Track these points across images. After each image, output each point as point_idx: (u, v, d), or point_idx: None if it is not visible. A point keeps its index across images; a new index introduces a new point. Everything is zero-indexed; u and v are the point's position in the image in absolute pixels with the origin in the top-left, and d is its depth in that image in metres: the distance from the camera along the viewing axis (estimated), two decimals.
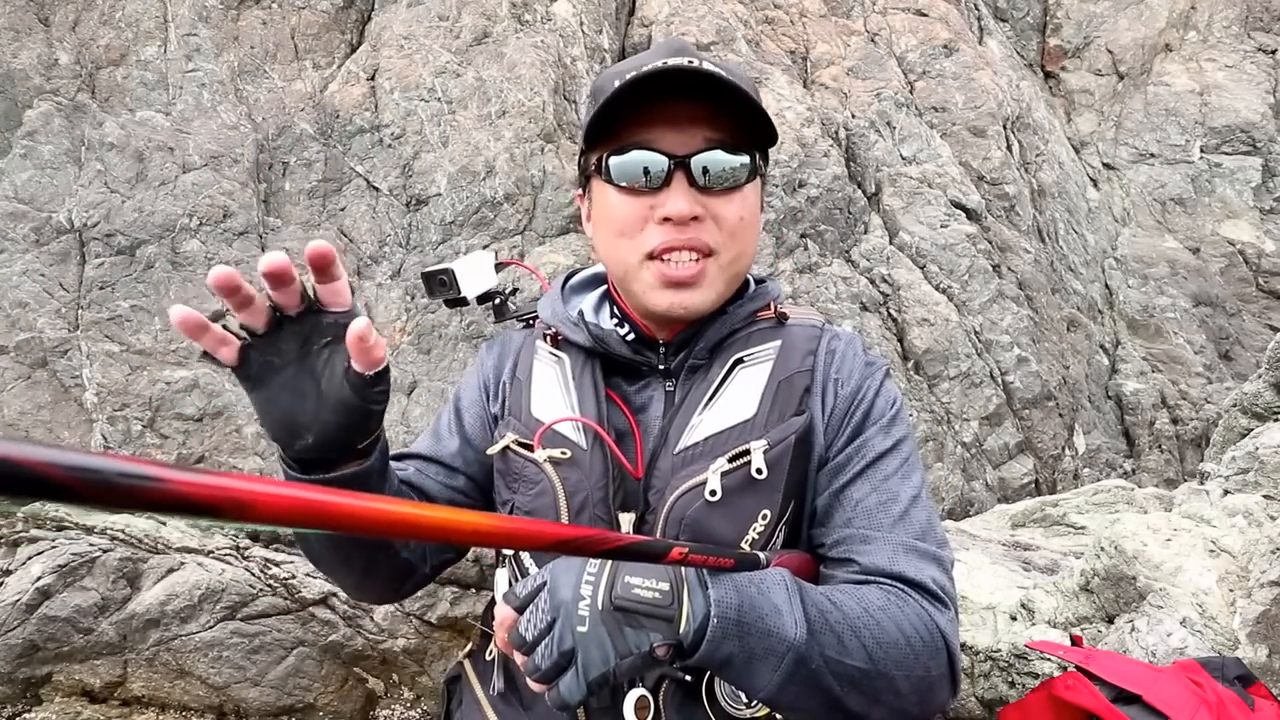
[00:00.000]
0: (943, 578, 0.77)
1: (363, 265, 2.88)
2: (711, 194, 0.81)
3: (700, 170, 0.80)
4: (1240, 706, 1.01)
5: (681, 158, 0.79)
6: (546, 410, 0.88)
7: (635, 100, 0.79)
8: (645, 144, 0.80)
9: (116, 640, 2.54)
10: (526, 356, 0.95)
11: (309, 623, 2.62)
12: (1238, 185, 4.43)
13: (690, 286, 0.83)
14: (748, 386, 0.84)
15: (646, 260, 0.83)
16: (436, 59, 3.05)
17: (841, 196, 3.46)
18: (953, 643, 0.74)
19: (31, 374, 2.65)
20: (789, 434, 0.81)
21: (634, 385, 0.90)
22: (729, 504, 0.79)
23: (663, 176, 0.80)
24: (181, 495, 0.28)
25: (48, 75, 2.88)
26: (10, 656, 2.48)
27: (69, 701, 2.61)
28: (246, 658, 2.58)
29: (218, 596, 2.55)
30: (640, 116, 0.80)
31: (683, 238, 0.81)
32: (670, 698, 0.80)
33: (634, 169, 0.81)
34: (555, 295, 0.99)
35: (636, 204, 0.82)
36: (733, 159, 0.81)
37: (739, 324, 0.90)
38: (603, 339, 0.89)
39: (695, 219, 0.81)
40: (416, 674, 2.76)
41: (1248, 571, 1.31)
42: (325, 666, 2.66)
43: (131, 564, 2.55)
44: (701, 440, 0.82)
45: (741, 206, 0.83)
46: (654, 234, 0.82)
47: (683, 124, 0.79)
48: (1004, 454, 3.33)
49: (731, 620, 0.65)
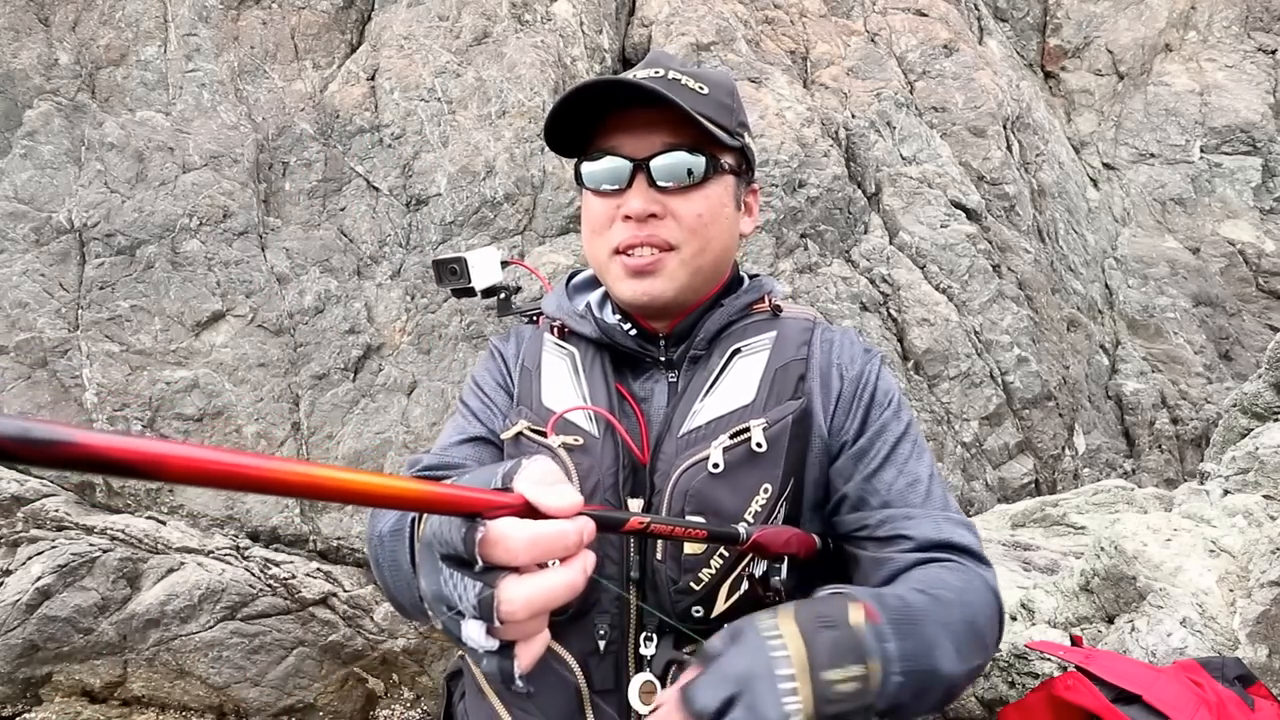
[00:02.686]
0: (977, 540, 0.85)
1: (363, 265, 2.88)
2: (670, 193, 0.88)
3: (658, 171, 0.87)
4: (1240, 706, 1.01)
5: (640, 160, 0.87)
6: (557, 400, 0.92)
7: (602, 111, 0.88)
8: (610, 150, 0.89)
9: (116, 640, 2.54)
10: (535, 348, 1.00)
11: (309, 623, 2.62)
12: (1238, 185, 4.43)
13: (650, 275, 0.90)
14: (746, 374, 0.90)
15: (613, 255, 0.91)
16: (436, 59, 3.05)
17: (841, 196, 3.46)
18: (1000, 596, 0.81)
19: (31, 374, 2.65)
20: (786, 414, 0.87)
21: (638, 377, 0.95)
22: (731, 476, 0.83)
23: (625, 178, 0.88)
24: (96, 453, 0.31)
25: (48, 75, 2.88)
26: (10, 656, 2.48)
27: (69, 701, 2.60)
28: (246, 658, 2.58)
29: (218, 596, 2.55)
30: (608, 125, 0.89)
31: (642, 234, 0.88)
32: None
33: (600, 173, 0.90)
34: (560, 291, 1.04)
35: (606, 204, 0.91)
36: (690, 159, 0.88)
37: (735, 316, 0.96)
38: (608, 331, 0.95)
39: (654, 216, 0.88)
40: (416, 674, 2.76)
41: (1248, 571, 1.31)
42: (325, 666, 2.66)
43: (131, 564, 2.55)
44: (704, 424, 0.87)
45: (702, 204, 0.90)
46: (619, 230, 0.90)
47: (642, 130, 0.87)
48: (1004, 454, 3.33)
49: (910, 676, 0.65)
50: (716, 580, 0.82)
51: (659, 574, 0.82)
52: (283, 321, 2.76)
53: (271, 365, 2.72)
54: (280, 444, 2.68)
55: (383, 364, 2.80)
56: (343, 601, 2.65)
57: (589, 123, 0.90)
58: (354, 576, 2.71)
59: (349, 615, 2.65)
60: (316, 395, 2.73)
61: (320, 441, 2.70)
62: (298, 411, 2.72)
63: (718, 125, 0.88)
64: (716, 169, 0.90)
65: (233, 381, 2.69)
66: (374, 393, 2.77)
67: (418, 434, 2.72)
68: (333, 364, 2.75)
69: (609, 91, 0.86)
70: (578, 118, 0.90)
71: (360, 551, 2.68)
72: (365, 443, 2.71)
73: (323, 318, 2.79)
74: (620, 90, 0.85)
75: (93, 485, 2.65)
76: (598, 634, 0.82)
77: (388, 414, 2.75)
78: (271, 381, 2.71)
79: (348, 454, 2.69)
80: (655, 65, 0.91)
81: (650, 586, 0.83)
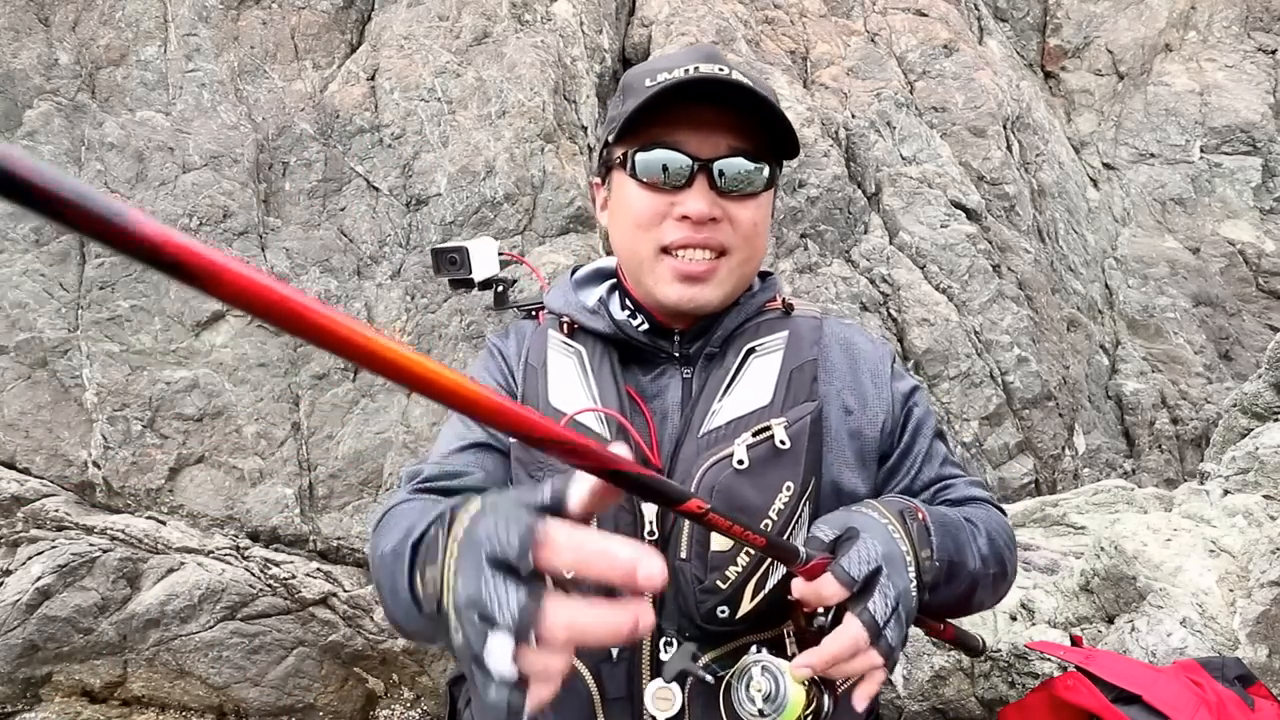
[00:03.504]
0: (990, 494, 1.00)
1: (363, 265, 2.88)
2: (729, 197, 0.86)
3: (721, 174, 0.84)
4: (1240, 706, 1.01)
5: (705, 161, 0.84)
6: (565, 400, 0.90)
7: (664, 101, 0.83)
8: (671, 144, 0.85)
9: (116, 640, 2.54)
10: (539, 345, 0.97)
11: (309, 623, 2.62)
12: (1238, 185, 4.43)
13: (702, 281, 0.87)
14: (762, 374, 0.90)
15: (661, 254, 0.88)
16: (436, 59, 3.05)
17: (841, 196, 3.46)
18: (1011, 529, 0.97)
19: (31, 374, 2.65)
20: (804, 415, 0.88)
21: (648, 374, 0.94)
22: (756, 473, 0.83)
23: (685, 176, 0.85)
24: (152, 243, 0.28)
25: (48, 75, 2.88)
26: (10, 656, 2.48)
27: (69, 701, 2.60)
28: (246, 658, 2.58)
29: (218, 596, 2.55)
30: (667, 117, 0.84)
31: (699, 236, 0.86)
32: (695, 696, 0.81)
33: (657, 167, 0.85)
34: (566, 286, 1.01)
35: (657, 199, 0.87)
36: (752, 166, 0.86)
37: (750, 314, 0.95)
38: (622, 327, 0.93)
39: (713, 219, 0.85)
40: (416, 674, 2.76)
41: (1248, 571, 1.31)
42: (325, 666, 2.66)
43: (131, 564, 2.55)
44: (724, 424, 0.86)
45: (756, 212, 0.88)
46: (671, 229, 0.87)
47: (708, 129, 0.84)
48: (1004, 454, 3.33)
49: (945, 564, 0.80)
50: (743, 579, 0.80)
51: (683, 573, 0.80)
52: None
53: (271, 365, 2.72)
54: (280, 444, 2.68)
55: None
56: (343, 601, 2.64)
57: (648, 110, 0.84)
58: (354, 576, 2.71)
59: (349, 615, 2.65)
60: (316, 395, 2.73)
61: (320, 441, 2.70)
62: (298, 411, 2.72)
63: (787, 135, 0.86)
64: (773, 180, 0.89)
65: (233, 381, 2.69)
66: (374, 393, 2.77)
67: (418, 434, 2.73)
68: (333, 364, 2.75)
69: (703, 85, 0.82)
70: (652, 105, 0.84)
71: (360, 551, 2.68)
72: (365, 443, 2.71)
73: None
74: (705, 86, 0.82)
75: (93, 485, 2.65)
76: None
77: (388, 414, 2.75)
78: (271, 381, 2.71)
79: (347, 454, 2.69)
80: (714, 60, 0.86)
81: (673, 587, 0.81)
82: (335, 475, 2.69)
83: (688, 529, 0.82)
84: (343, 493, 2.69)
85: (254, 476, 2.65)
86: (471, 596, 0.48)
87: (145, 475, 2.62)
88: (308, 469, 2.69)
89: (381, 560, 0.74)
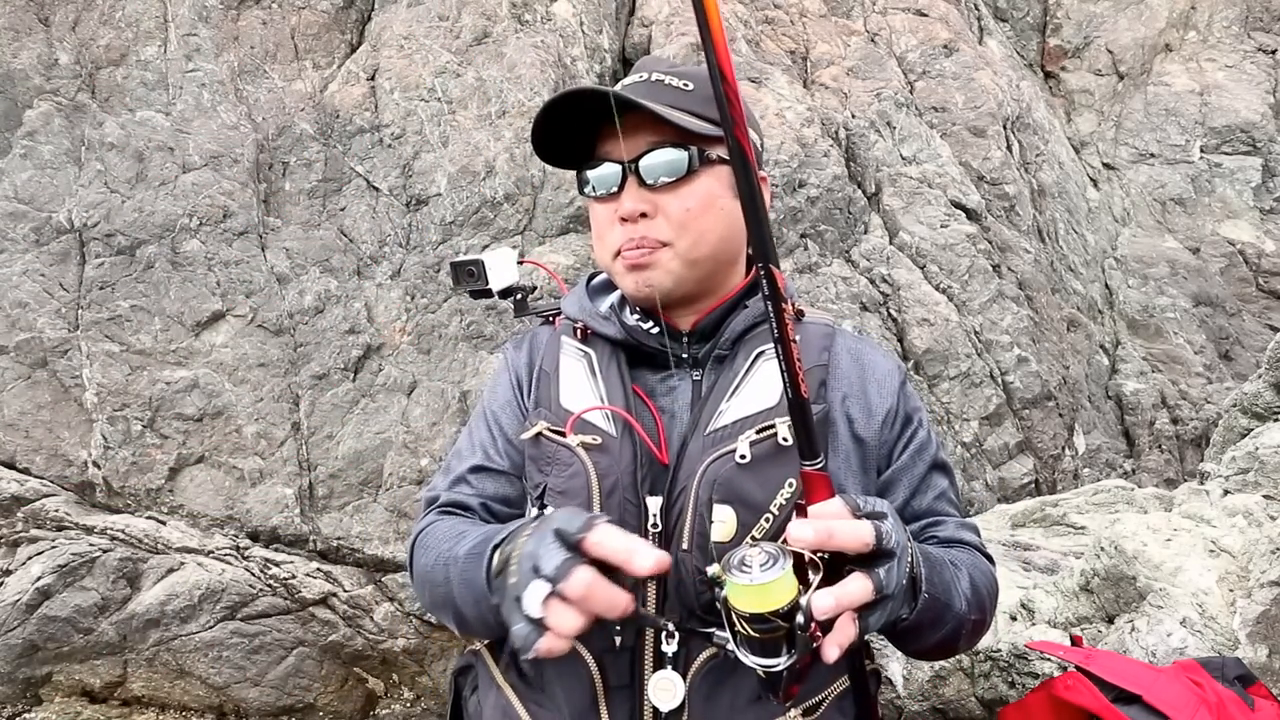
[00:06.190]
0: (981, 540, 0.99)
1: (363, 265, 2.88)
2: (659, 190, 0.90)
3: (645, 170, 0.89)
4: (1240, 706, 1.01)
5: (630, 162, 0.89)
6: (575, 400, 0.94)
7: (596, 121, 0.90)
8: (604, 156, 0.92)
9: (116, 640, 2.54)
10: (553, 350, 1.01)
11: (309, 623, 2.62)
12: (1238, 185, 4.43)
13: (646, 269, 0.92)
14: (770, 376, 0.91)
15: (615, 257, 0.94)
16: (436, 59, 3.05)
17: (841, 196, 3.46)
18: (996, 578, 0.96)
19: (31, 374, 2.65)
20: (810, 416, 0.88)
21: (659, 375, 0.97)
22: (758, 468, 0.85)
23: (617, 181, 0.91)
24: None
25: (48, 75, 2.88)
26: (10, 656, 2.49)
27: (69, 701, 2.61)
28: (246, 658, 2.58)
29: (218, 596, 2.55)
30: (603, 132, 0.91)
31: (635, 234, 0.91)
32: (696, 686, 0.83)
33: (598, 180, 0.93)
34: (581, 293, 1.05)
35: (606, 209, 0.93)
36: (674, 155, 0.89)
37: (759, 318, 0.96)
38: (632, 331, 0.97)
39: (644, 215, 0.90)
40: (416, 674, 2.76)
41: (1248, 571, 1.31)
42: (325, 666, 2.66)
43: (131, 564, 2.55)
44: (730, 423, 0.89)
45: (691, 198, 0.91)
46: (617, 233, 0.92)
47: (631, 131, 0.88)
48: (1004, 454, 3.33)
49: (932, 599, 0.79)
50: None
51: (683, 565, 0.83)
52: (283, 321, 2.76)
53: (271, 365, 2.72)
54: (280, 444, 2.68)
55: (383, 364, 2.80)
56: (343, 601, 2.65)
57: (589, 134, 0.93)
58: (354, 576, 2.71)
59: (349, 615, 2.65)
60: (316, 395, 2.73)
61: (320, 441, 2.70)
62: (298, 411, 2.72)
63: (702, 118, 0.88)
64: (705, 160, 0.90)
65: (233, 381, 2.69)
66: (374, 393, 2.77)
67: (418, 434, 2.73)
68: (333, 364, 2.75)
69: (589, 102, 0.88)
70: (575, 130, 0.92)
71: (360, 551, 2.68)
72: (365, 443, 2.71)
73: (323, 318, 2.79)
74: (598, 99, 0.88)
75: (93, 485, 2.65)
76: (614, 630, 0.82)
77: (388, 414, 2.75)
78: (271, 381, 2.71)
79: (348, 454, 2.69)
80: (640, 70, 0.95)
81: (674, 578, 0.83)
82: (335, 475, 2.69)
83: (689, 521, 0.84)
84: (343, 493, 2.69)
85: (254, 476, 2.65)
86: (531, 550, 0.68)
87: (145, 475, 2.62)
88: (308, 469, 2.69)
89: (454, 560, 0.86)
